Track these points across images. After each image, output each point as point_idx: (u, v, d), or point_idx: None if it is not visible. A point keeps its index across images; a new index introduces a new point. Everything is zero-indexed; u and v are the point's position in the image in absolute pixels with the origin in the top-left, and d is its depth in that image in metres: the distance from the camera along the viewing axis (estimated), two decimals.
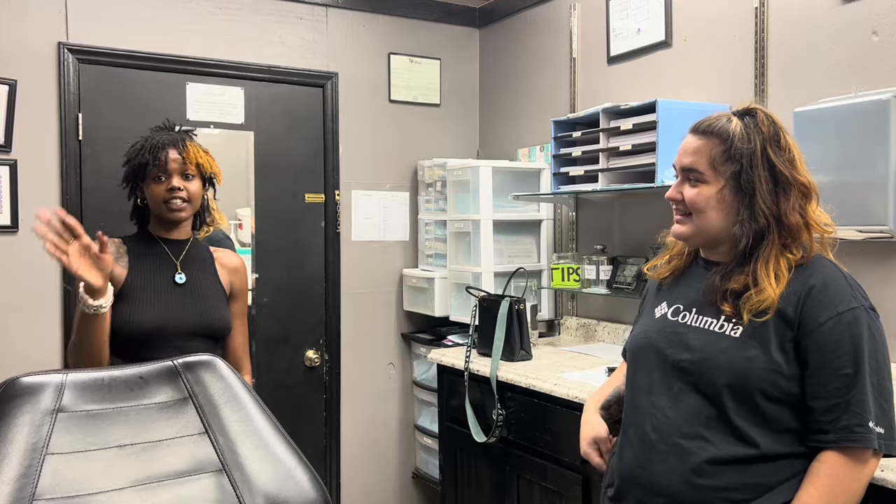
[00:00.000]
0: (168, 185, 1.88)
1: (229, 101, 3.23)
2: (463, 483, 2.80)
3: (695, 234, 1.43)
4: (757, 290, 1.32)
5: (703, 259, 1.49)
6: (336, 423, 3.48)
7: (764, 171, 1.35)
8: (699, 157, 1.41)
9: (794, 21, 2.32)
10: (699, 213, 1.41)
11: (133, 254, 1.90)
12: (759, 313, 1.32)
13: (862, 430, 1.25)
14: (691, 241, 1.47)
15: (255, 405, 1.33)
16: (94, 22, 2.93)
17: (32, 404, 1.20)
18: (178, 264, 1.93)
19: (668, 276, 1.55)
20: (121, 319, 1.79)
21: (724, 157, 1.38)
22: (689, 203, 1.42)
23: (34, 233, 1.65)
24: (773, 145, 1.37)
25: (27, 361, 2.66)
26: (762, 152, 1.36)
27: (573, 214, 3.20)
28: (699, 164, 1.41)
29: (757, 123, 1.38)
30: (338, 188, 3.45)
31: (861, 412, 1.26)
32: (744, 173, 1.36)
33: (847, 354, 1.27)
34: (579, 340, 3.11)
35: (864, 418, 1.26)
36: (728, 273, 1.38)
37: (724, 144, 1.38)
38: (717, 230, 1.41)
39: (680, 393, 1.39)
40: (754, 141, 1.36)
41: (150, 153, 1.87)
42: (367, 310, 3.56)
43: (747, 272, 1.35)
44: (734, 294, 1.36)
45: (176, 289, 1.90)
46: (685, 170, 1.44)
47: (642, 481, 1.41)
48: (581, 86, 3.17)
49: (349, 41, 3.49)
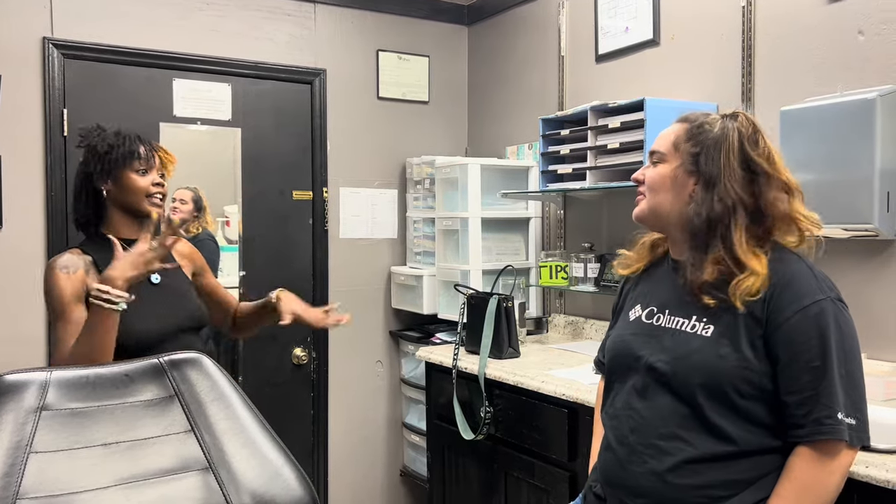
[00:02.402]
0: (153, 178, 1.84)
1: (216, 98, 3.21)
2: (451, 480, 2.80)
3: (648, 212, 1.46)
4: (747, 273, 1.32)
5: (671, 259, 1.50)
6: (324, 420, 3.47)
7: (735, 159, 1.36)
8: (665, 141, 1.46)
9: (781, 20, 2.34)
10: (652, 192, 1.45)
11: (101, 263, 1.78)
12: (753, 294, 1.31)
13: (831, 423, 1.25)
14: (647, 222, 1.49)
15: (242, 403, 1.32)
16: (79, 17, 2.91)
17: (16, 402, 1.19)
18: None
19: (637, 270, 1.57)
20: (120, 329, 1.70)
21: (686, 136, 1.42)
22: (647, 182, 1.46)
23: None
24: (750, 142, 1.38)
25: (11, 359, 2.64)
26: (739, 145, 1.37)
27: (561, 212, 3.21)
28: (663, 145, 1.45)
29: (736, 123, 1.40)
30: (326, 185, 3.44)
31: (830, 404, 1.26)
32: (703, 156, 1.38)
33: (815, 347, 1.28)
34: (567, 338, 3.12)
35: (833, 410, 1.26)
36: (697, 265, 1.37)
37: (689, 126, 1.43)
38: (667, 211, 1.43)
39: (655, 394, 1.39)
40: (727, 132, 1.38)
41: (136, 143, 1.83)
42: (355, 307, 3.54)
43: (719, 259, 1.35)
44: (712, 285, 1.35)
45: (154, 290, 1.87)
46: (651, 153, 1.48)
47: (623, 483, 1.42)
48: (569, 84, 3.18)
49: (337, 38, 3.47)
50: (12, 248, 2.77)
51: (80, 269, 1.77)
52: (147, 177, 1.84)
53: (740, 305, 1.32)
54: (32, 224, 2.85)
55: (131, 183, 1.83)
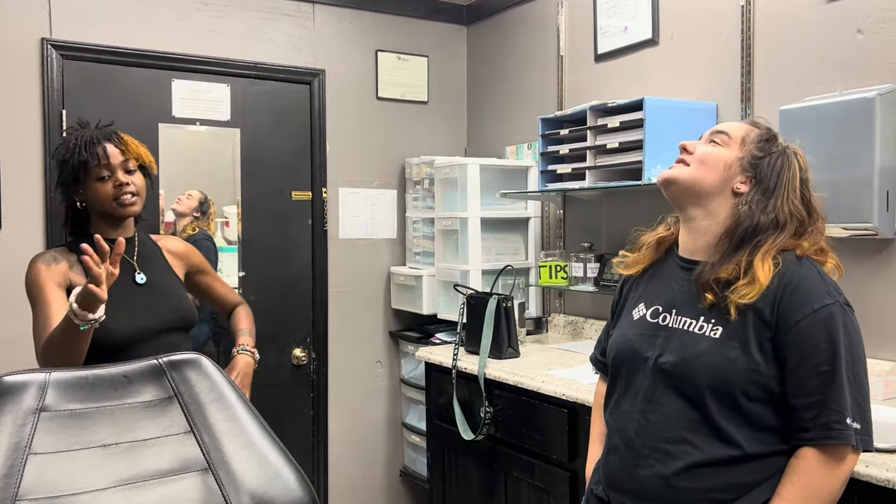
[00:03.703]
0: (114, 181, 1.81)
1: (215, 98, 3.21)
2: (451, 481, 2.80)
3: (685, 180, 1.42)
4: (748, 280, 1.32)
5: (679, 258, 1.48)
6: (323, 421, 3.47)
7: (796, 182, 1.39)
8: (735, 129, 1.45)
9: (780, 19, 2.33)
10: (701, 165, 1.41)
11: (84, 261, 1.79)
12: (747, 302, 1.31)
13: (840, 427, 1.26)
14: (675, 188, 1.43)
15: (241, 404, 1.32)
16: (77, 18, 2.91)
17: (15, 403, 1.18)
18: (135, 264, 1.89)
19: (641, 268, 1.55)
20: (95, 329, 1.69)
21: (757, 138, 1.42)
22: (700, 153, 1.42)
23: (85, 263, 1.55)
24: (807, 175, 1.42)
25: (9, 360, 2.63)
26: (800, 173, 1.40)
27: (560, 212, 3.20)
28: (731, 131, 1.44)
29: (797, 154, 1.43)
30: (325, 186, 3.44)
31: (838, 409, 1.26)
32: (766, 164, 1.39)
33: (823, 352, 1.28)
34: (567, 338, 3.12)
35: (841, 415, 1.26)
36: (719, 263, 1.37)
37: (761, 131, 1.44)
38: (705, 191, 1.40)
39: (662, 396, 1.38)
40: (791, 157, 1.41)
41: (87, 150, 1.78)
42: (354, 308, 3.55)
43: (738, 261, 1.35)
44: (721, 284, 1.35)
45: (139, 289, 1.87)
46: (714, 133, 1.46)
47: (628, 487, 1.41)
48: (568, 83, 3.18)
49: (336, 38, 3.47)
50: (11, 249, 2.77)
51: (62, 263, 1.80)
52: (109, 181, 1.81)
53: (734, 312, 1.32)
54: (31, 225, 2.84)
55: (95, 192, 1.81)
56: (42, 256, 1.82)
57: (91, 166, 1.79)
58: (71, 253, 1.83)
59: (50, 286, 1.76)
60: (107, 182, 1.81)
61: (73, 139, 1.81)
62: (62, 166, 1.82)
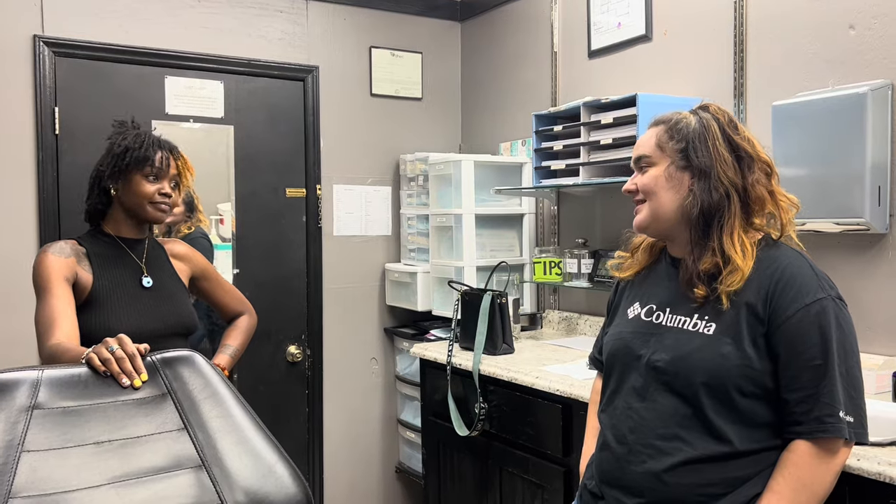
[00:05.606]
0: (161, 187, 1.87)
1: (209, 95, 3.20)
2: (446, 477, 2.80)
3: (651, 219, 1.45)
4: (729, 268, 1.33)
5: (670, 257, 1.50)
6: (318, 418, 3.47)
7: (723, 146, 1.39)
8: (646, 144, 1.46)
9: (773, 15, 2.34)
10: (651, 196, 1.44)
11: (94, 256, 1.85)
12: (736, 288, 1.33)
13: (832, 421, 1.27)
14: (650, 230, 1.48)
15: (235, 401, 1.32)
16: (69, 14, 2.89)
17: (7, 401, 1.18)
18: (143, 267, 1.91)
19: (635, 272, 1.57)
20: (98, 328, 1.73)
21: (667, 136, 1.43)
22: (641, 188, 1.45)
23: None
24: (730, 127, 1.41)
25: (3, 359, 2.63)
26: (721, 132, 1.40)
27: (555, 208, 3.21)
28: (646, 149, 1.46)
29: (710, 113, 1.43)
30: (319, 182, 3.44)
31: (831, 403, 1.27)
32: (691, 149, 1.39)
33: (816, 346, 1.29)
34: (561, 334, 3.12)
35: (834, 409, 1.27)
36: (697, 257, 1.39)
37: (667, 126, 1.44)
38: (670, 211, 1.42)
39: (656, 393, 1.39)
40: (706, 123, 1.41)
41: (153, 148, 1.85)
42: (349, 305, 3.55)
43: (711, 248, 1.36)
44: (707, 276, 1.37)
45: (145, 292, 1.88)
46: (636, 160, 1.48)
47: (620, 483, 1.42)
48: (562, 80, 3.18)
49: (330, 34, 3.46)
50: (3, 248, 2.76)
51: (71, 256, 1.82)
52: (156, 184, 1.87)
53: (726, 302, 1.33)
54: (24, 224, 2.83)
55: (138, 187, 1.86)
56: (52, 247, 1.84)
57: (148, 164, 1.85)
58: (80, 246, 1.86)
59: (57, 279, 1.76)
60: (153, 184, 1.86)
61: (143, 134, 1.87)
62: (121, 153, 1.85)
